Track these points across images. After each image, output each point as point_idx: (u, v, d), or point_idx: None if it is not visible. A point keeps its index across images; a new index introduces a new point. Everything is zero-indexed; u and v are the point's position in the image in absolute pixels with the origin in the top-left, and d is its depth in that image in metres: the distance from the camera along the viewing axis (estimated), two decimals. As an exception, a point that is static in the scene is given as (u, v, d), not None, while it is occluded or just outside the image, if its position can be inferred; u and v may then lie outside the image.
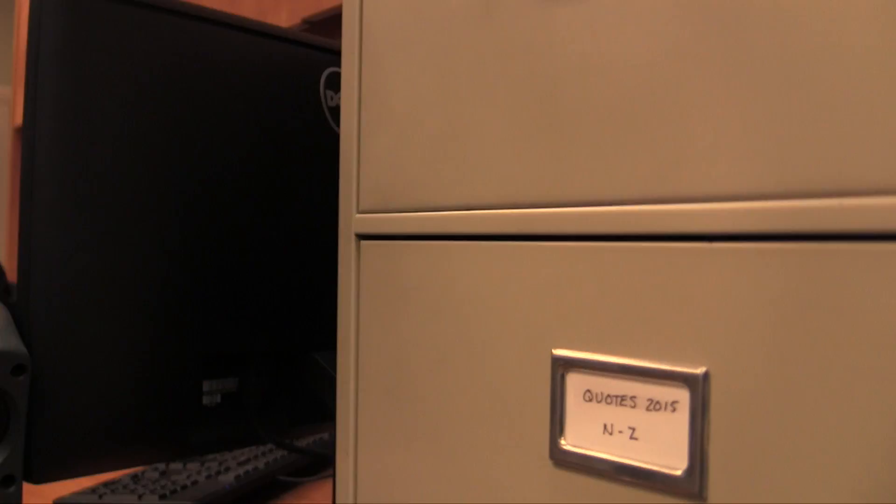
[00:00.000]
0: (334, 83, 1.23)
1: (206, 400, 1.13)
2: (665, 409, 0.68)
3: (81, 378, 1.00)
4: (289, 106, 1.19)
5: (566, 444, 0.73)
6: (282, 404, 1.23)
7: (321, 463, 1.74)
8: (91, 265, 1.00)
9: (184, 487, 1.46)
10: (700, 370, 0.65)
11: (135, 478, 1.54)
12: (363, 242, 0.93)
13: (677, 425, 0.67)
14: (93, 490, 1.47)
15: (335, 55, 1.25)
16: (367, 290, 0.93)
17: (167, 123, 1.06)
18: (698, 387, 0.65)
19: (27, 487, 1.53)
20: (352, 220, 0.94)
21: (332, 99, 1.22)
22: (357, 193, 0.94)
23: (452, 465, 0.83)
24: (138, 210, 1.04)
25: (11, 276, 2.30)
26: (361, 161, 0.94)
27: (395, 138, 0.90)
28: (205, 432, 1.14)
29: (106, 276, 1.01)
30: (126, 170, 1.03)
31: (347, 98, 0.95)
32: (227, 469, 1.57)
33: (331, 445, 1.16)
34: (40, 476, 0.99)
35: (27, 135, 0.98)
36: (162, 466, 1.61)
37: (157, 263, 1.05)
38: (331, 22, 1.91)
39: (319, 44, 1.25)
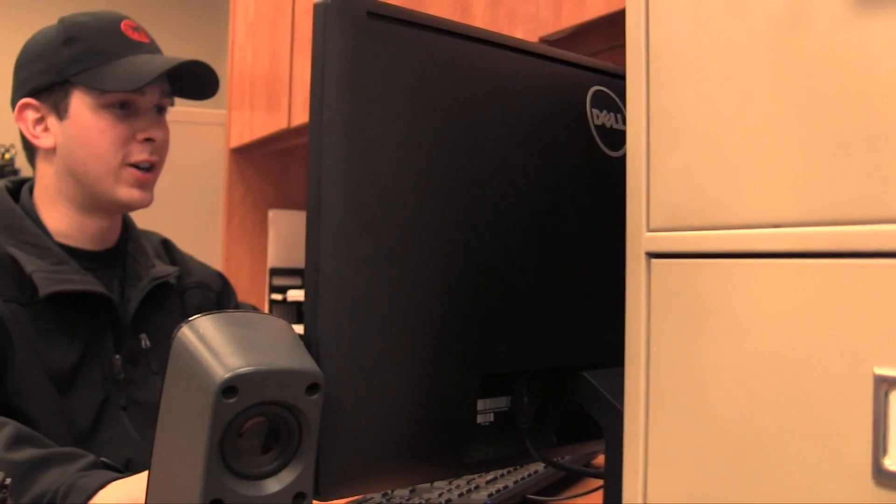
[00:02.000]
0: (600, 101, 1.23)
1: (480, 419, 1.14)
2: None
3: (367, 396, 1.01)
4: (557, 124, 1.19)
5: (891, 463, 0.72)
6: (550, 423, 1.23)
7: (568, 482, 1.74)
8: (377, 285, 1.01)
9: (439, 505, 1.48)
10: None
11: (385, 495, 1.55)
12: (654, 261, 0.93)
13: None
14: (347, 508, 1.49)
15: (600, 74, 1.25)
16: (659, 309, 0.92)
17: (446, 142, 1.07)
18: None
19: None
20: (641, 238, 0.94)
21: (597, 117, 1.22)
22: (647, 212, 0.93)
23: (759, 485, 0.82)
24: (421, 230, 1.04)
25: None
26: (651, 180, 0.93)
27: (690, 157, 0.89)
28: (478, 450, 1.14)
29: (391, 296, 1.02)
30: (409, 189, 1.04)
31: (634, 118, 0.95)
32: (478, 487, 1.57)
33: (608, 464, 1.15)
34: (327, 493, 1.00)
35: (314, 155, 0.99)
36: (411, 484, 1.62)
37: (439, 283, 1.06)
38: (567, 40, 1.91)
39: (584, 63, 1.25)
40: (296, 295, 3.52)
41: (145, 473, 1.38)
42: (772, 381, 0.81)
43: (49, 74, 1.98)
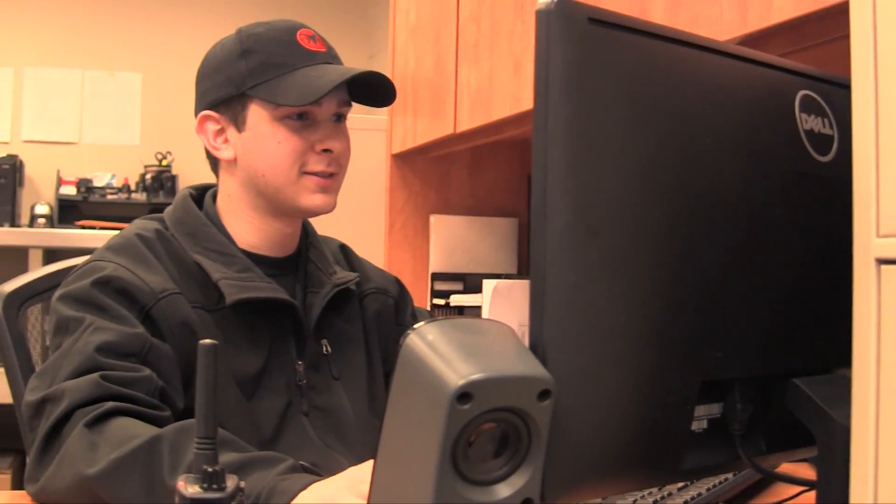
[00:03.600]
0: (808, 106, 1.22)
1: (694, 425, 1.13)
2: None
3: (592, 402, 1.02)
4: (767, 129, 1.18)
5: None
6: (759, 429, 1.22)
7: (758, 488, 1.72)
8: (602, 291, 1.01)
9: (634, 512, 1.47)
10: None
11: (576, 502, 1.55)
12: (884, 267, 0.92)
13: None
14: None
15: (806, 78, 1.24)
16: (889, 315, 0.91)
17: (664, 148, 1.07)
18: None
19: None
20: (870, 244, 0.93)
21: (805, 122, 1.21)
22: (876, 218, 0.92)
23: None
24: (642, 236, 1.05)
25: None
26: (881, 185, 0.92)
27: (927, 160, 0.88)
28: (693, 457, 1.14)
29: (615, 302, 1.03)
30: (630, 195, 1.04)
31: (861, 121, 0.94)
32: (670, 494, 1.57)
33: (820, 472, 1.14)
34: (552, 498, 1.01)
35: (539, 162, 1.00)
36: (599, 491, 1.61)
37: (660, 289, 1.06)
38: (749, 44, 1.88)
39: (791, 67, 1.24)
40: (459, 300, 3.53)
41: (344, 475, 1.40)
42: None
43: (227, 87, 2.00)
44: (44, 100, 6.82)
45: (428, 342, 0.96)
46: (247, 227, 2.04)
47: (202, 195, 2.12)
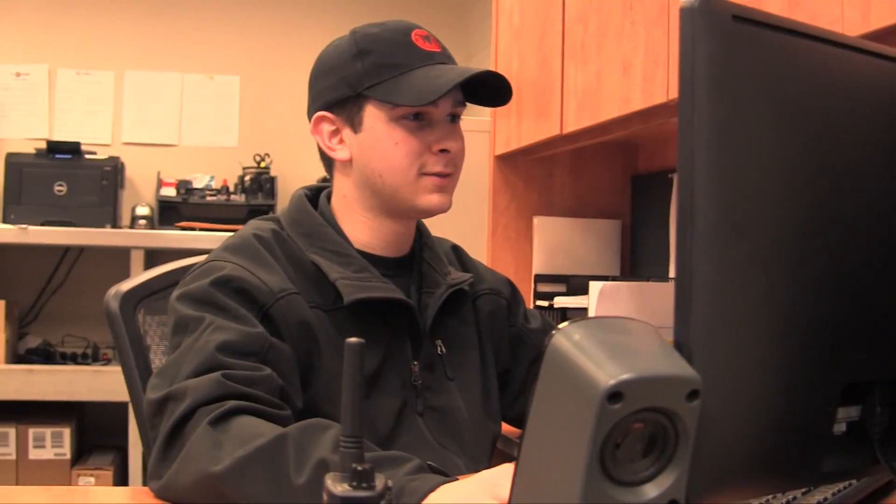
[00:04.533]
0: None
1: (834, 428, 1.12)
2: None
3: (737, 403, 1.01)
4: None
5: None
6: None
7: (884, 492, 1.70)
8: (748, 291, 1.01)
9: (758, 515, 1.45)
10: None
11: (699, 505, 1.54)
12: None
13: None
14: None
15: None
16: None
17: (808, 147, 1.06)
18: None
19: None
20: None
21: (949, 117, 1.19)
22: None
23: None
24: (788, 236, 1.04)
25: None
26: None
27: None
28: (833, 461, 1.12)
29: (761, 302, 1.02)
30: (776, 194, 1.03)
31: None
32: (795, 498, 1.55)
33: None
34: (695, 499, 1.00)
35: (685, 160, 0.99)
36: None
37: (805, 290, 1.05)
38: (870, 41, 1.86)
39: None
40: (563, 301, 3.51)
41: (477, 477, 1.40)
42: None
43: (342, 88, 1.99)
44: (144, 103, 6.87)
45: (574, 342, 0.96)
46: (361, 228, 2.04)
47: (317, 196, 2.12)
